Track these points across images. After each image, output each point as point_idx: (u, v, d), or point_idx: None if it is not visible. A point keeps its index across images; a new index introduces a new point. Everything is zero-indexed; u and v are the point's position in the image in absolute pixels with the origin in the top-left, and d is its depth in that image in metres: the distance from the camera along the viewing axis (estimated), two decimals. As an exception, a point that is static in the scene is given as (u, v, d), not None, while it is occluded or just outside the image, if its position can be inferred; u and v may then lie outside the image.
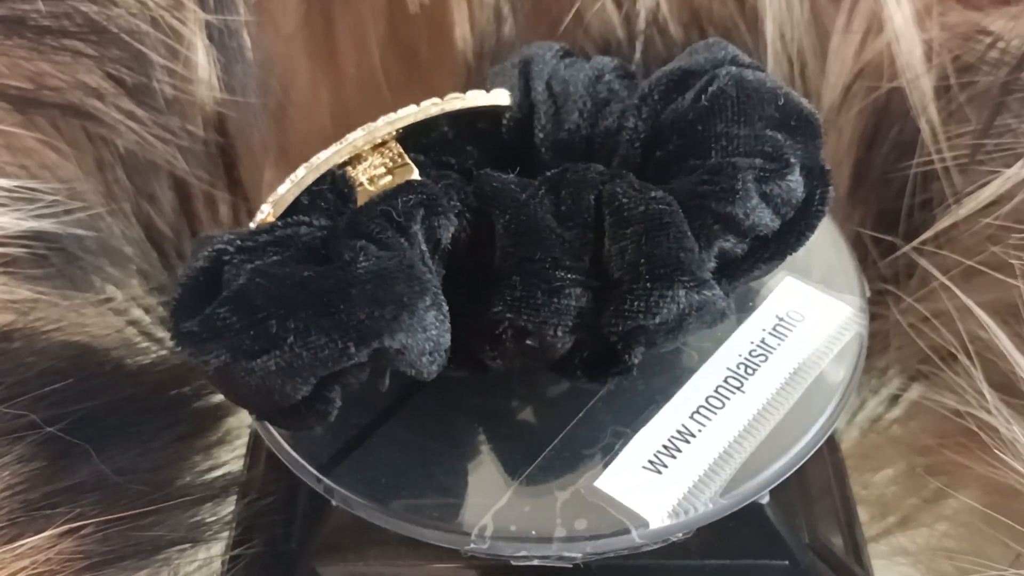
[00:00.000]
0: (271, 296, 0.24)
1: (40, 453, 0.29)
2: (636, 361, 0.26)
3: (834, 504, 0.33)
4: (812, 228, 0.28)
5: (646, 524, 0.27)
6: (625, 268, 0.25)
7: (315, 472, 0.29)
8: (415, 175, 0.28)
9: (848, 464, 0.35)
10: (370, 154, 0.29)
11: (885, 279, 0.38)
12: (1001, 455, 0.31)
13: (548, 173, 0.28)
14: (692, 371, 0.30)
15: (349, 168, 0.29)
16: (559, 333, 0.25)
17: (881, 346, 0.39)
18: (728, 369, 0.30)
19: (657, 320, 0.25)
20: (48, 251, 0.35)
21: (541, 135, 0.31)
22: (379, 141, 0.29)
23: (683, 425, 0.29)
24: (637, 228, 0.25)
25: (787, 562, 0.30)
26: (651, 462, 0.28)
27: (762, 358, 0.30)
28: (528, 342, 0.26)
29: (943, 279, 0.34)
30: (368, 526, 0.28)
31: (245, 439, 0.35)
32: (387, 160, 0.29)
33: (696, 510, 0.27)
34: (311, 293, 0.23)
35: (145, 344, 0.39)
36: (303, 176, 0.28)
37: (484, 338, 0.26)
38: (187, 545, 0.31)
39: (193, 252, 0.26)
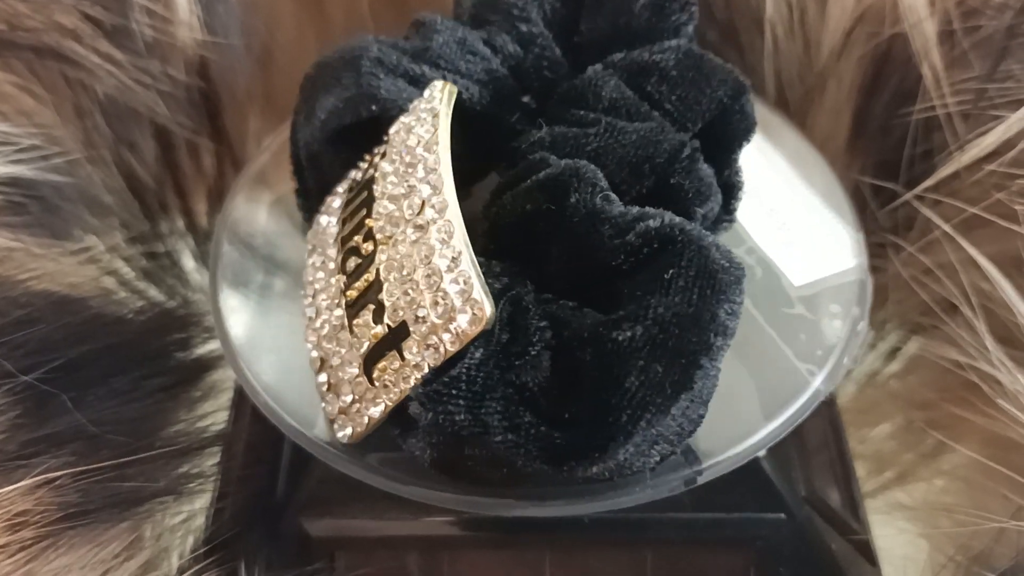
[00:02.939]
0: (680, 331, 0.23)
1: (15, 402, 0.28)
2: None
3: (831, 459, 0.33)
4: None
5: (856, 267, 0.32)
6: (715, 111, 0.28)
7: (301, 428, 0.28)
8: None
9: (845, 419, 0.34)
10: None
11: (885, 230, 0.37)
12: (1003, 407, 0.31)
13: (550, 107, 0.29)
14: None
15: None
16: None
17: (880, 300, 0.38)
18: None
19: (754, 130, 0.29)
20: (25, 198, 0.34)
21: (479, 107, 0.30)
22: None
23: (769, 211, 0.33)
24: (689, 81, 0.28)
25: (783, 515, 0.30)
26: (798, 243, 0.32)
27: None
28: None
29: (945, 227, 0.34)
30: (353, 481, 0.28)
31: (230, 394, 0.35)
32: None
33: (860, 244, 0.33)
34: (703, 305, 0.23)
35: (125, 294, 0.38)
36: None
37: None
38: (169, 497, 0.31)
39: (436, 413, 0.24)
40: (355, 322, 0.26)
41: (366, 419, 0.26)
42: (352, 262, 0.27)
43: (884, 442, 0.38)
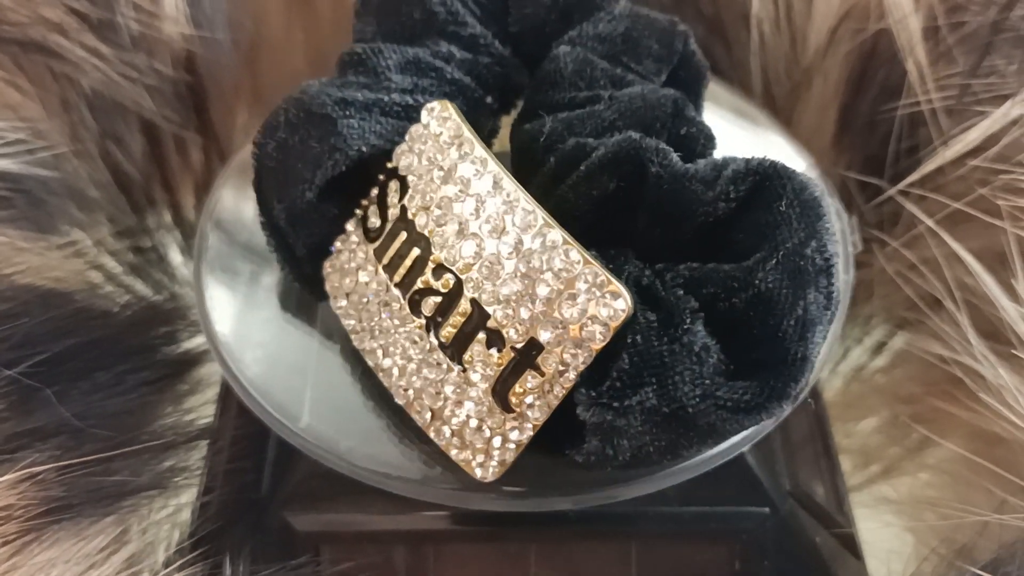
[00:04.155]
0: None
1: (-1, 397, 0.28)
2: None
3: (816, 453, 0.33)
4: None
5: (808, 167, 0.34)
6: (676, 61, 0.29)
7: (286, 423, 0.28)
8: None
9: (831, 414, 0.35)
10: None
11: (870, 225, 0.37)
12: (987, 401, 0.31)
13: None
14: None
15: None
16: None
17: (865, 295, 0.38)
18: None
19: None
20: (11, 192, 0.34)
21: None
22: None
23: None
24: (648, 39, 0.29)
25: (767, 509, 0.30)
26: None
27: None
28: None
29: (930, 222, 0.34)
30: (338, 475, 0.28)
31: (216, 388, 0.35)
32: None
33: (800, 148, 0.35)
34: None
35: (111, 289, 0.38)
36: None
37: None
38: (155, 492, 0.30)
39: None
40: (466, 358, 0.25)
41: (512, 446, 0.25)
42: (429, 303, 0.26)
43: (869, 436, 0.38)
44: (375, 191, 0.28)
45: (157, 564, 0.30)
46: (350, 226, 0.28)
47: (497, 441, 0.25)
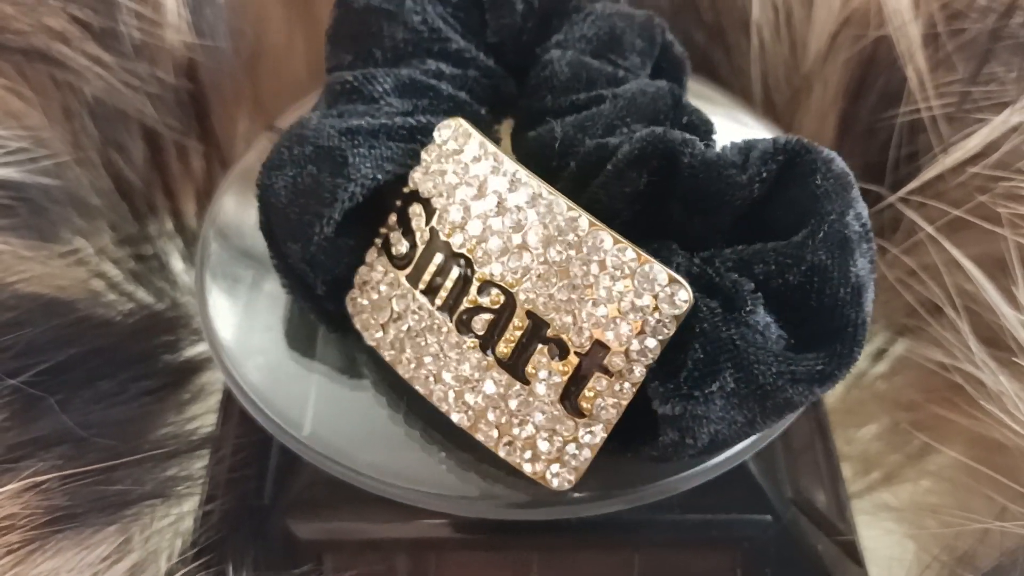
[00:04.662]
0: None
1: (2, 406, 0.28)
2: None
3: (817, 460, 0.33)
4: None
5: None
6: (659, 52, 0.30)
7: (289, 430, 0.28)
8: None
9: (832, 420, 0.35)
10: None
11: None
12: (987, 408, 0.31)
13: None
14: None
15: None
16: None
17: (866, 301, 0.38)
18: None
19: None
20: (12, 201, 0.34)
21: None
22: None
23: None
24: (631, 35, 0.30)
25: (769, 517, 0.30)
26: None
27: None
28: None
29: (929, 229, 0.34)
30: (340, 483, 0.28)
31: (218, 396, 0.35)
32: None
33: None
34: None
35: (113, 297, 0.38)
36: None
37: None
38: (157, 500, 0.31)
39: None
40: (528, 371, 0.25)
41: (587, 451, 0.25)
42: (481, 320, 0.26)
43: (870, 443, 0.38)
44: (393, 217, 0.27)
45: (160, 573, 0.30)
46: (370, 256, 0.28)
47: (571, 448, 0.25)
